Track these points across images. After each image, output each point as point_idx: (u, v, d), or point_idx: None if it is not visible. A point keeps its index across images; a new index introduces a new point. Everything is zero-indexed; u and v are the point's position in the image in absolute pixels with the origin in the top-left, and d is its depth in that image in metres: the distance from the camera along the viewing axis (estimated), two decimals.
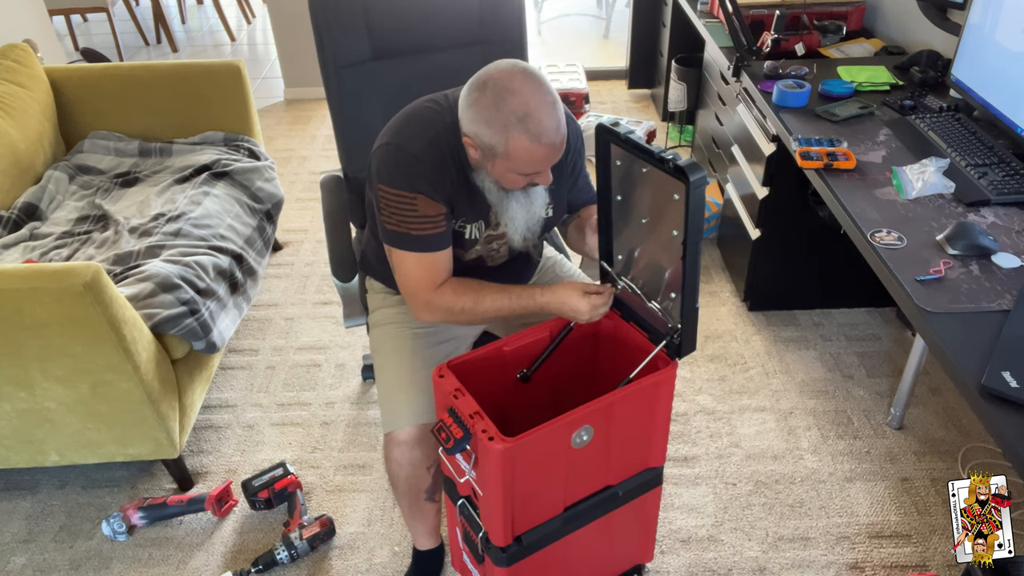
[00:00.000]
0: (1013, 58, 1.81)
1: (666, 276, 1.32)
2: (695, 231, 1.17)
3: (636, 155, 1.25)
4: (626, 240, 1.41)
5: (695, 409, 2.21)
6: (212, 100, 2.61)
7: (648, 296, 1.38)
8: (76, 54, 4.75)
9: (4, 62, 2.45)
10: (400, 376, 1.53)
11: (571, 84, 3.84)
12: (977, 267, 1.49)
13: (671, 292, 1.32)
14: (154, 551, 1.87)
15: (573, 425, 1.28)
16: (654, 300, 1.37)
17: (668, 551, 1.83)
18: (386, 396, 1.53)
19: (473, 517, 1.41)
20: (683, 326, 1.29)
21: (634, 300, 1.43)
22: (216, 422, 2.22)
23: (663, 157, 1.16)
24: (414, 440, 1.47)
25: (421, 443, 1.48)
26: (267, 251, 2.42)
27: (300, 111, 4.10)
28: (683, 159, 1.14)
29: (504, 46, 1.89)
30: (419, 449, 1.48)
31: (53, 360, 1.67)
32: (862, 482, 1.97)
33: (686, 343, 1.32)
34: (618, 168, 1.33)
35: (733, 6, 2.34)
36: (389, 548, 1.86)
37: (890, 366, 2.32)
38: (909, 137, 1.95)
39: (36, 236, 2.21)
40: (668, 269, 1.30)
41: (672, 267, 1.29)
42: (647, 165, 1.25)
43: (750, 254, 2.44)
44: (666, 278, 1.32)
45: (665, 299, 1.34)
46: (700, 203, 1.15)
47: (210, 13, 5.74)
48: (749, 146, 2.39)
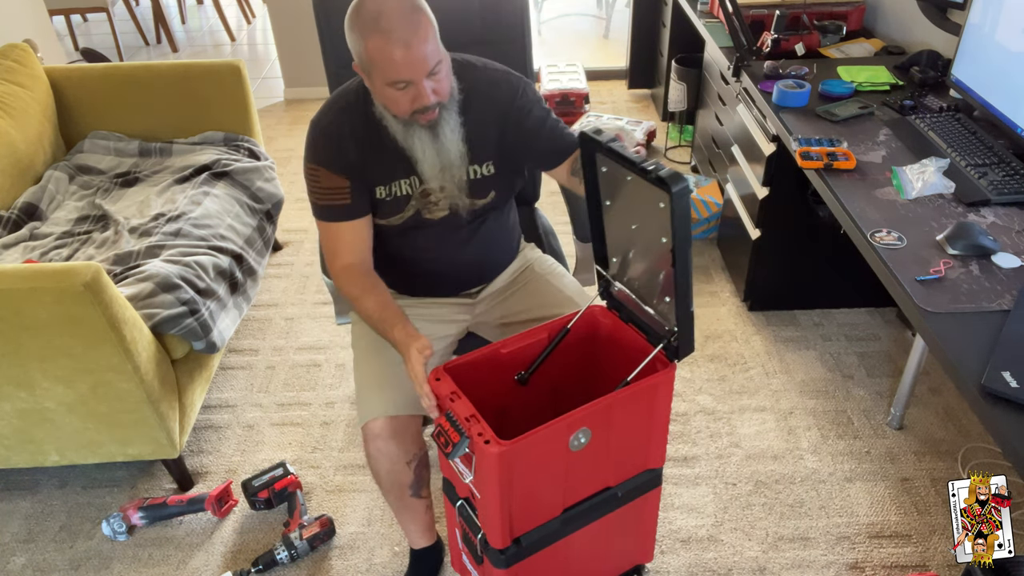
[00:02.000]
0: (1013, 58, 1.81)
1: (660, 279, 1.31)
2: (683, 239, 1.17)
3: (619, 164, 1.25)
4: (619, 244, 1.40)
5: (695, 409, 2.21)
6: (212, 100, 2.61)
7: (644, 299, 1.38)
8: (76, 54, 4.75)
9: (4, 62, 2.45)
10: (374, 370, 1.54)
11: (571, 84, 3.84)
12: (977, 267, 1.49)
13: (665, 296, 1.31)
14: (154, 551, 1.87)
15: (571, 427, 1.28)
16: (649, 303, 1.37)
17: (668, 551, 1.83)
18: (361, 389, 1.54)
19: (472, 518, 1.41)
20: (679, 329, 1.29)
21: (631, 302, 1.43)
22: (216, 422, 2.22)
23: (645, 167, 1.16)
24: (388, 433, 1.47)
25: (396, 437, 1.48)
26: (267, 251, 2.42)
27: (300, 111, 4.10)
28: (665, 169, 1.14)
29: (505, 46, 1.89)
30: (395, 443, 1.48)
31: (53, 360, 1.67)
32: (862, 482, 1.97)
33: (684, 345, 1.32)
34: (604, 175, 1.33)
35: (733, 6, 2.34)
36: (389, 548, 1.86)
37: (890, 366, 2.32)
38: (909, 137, 1.95)
39: (36, 236, 2.21)
40: (661, 273, 1.30)
41: (664, 271, 1.29)
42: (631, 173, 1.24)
43: (750, 254, 2.44)
44: (660, 281, 1.32)
45: (660, 302, 1.34)
46: (685, 212, 1.15)
47: (210, 13, 5.74)
48: (749, 146, 2.39)
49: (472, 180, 1.52)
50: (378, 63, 1.29)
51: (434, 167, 1.45)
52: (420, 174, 1.47)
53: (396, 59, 1.27)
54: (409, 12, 1.27)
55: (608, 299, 1.51)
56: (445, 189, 1.49)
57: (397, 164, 1.46)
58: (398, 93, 1.33)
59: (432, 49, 1.30)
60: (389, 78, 1.31)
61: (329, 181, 1.45)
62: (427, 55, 1.29)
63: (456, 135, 1.44)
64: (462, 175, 1.49)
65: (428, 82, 1.32)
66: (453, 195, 1.51)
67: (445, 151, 1.43)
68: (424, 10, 1.29)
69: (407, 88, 1.32)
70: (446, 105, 1.39)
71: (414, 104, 1.34)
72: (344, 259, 1.51)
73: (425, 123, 1.38)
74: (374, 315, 1.45)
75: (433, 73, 1.32)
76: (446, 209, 1.53)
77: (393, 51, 1.27)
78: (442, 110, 1.39)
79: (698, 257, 2.83)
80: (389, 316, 1.42)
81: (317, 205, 1.49)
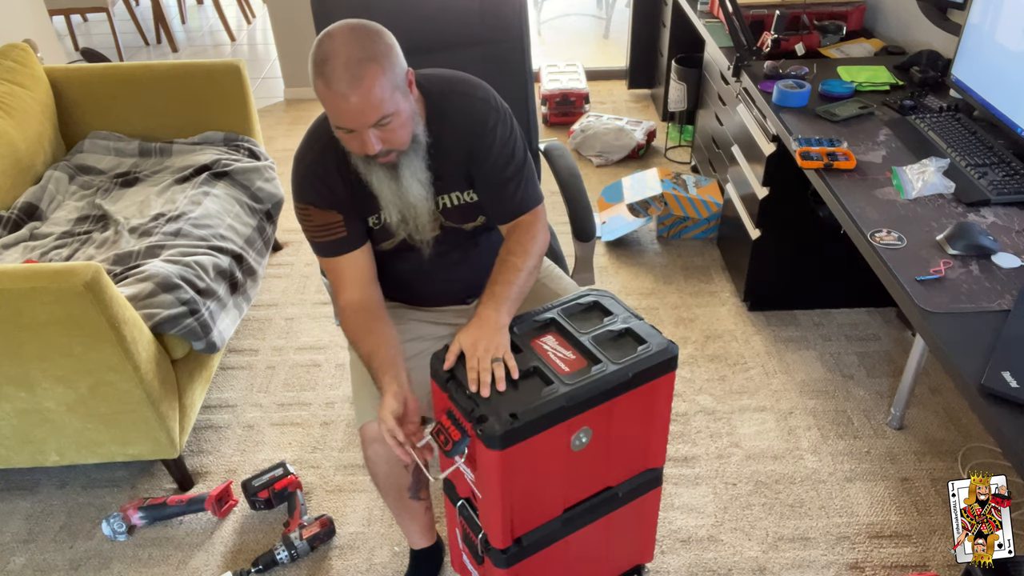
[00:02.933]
0: (1013, 58, 1.81)
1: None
2: None
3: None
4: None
5: (695, 409, 2.21)
6: (212, 100, 2.60)
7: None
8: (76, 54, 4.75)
9: (4, 62, 2.45)
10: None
11: (571, 84, 3.84)
12: (977, 267, 1.49)
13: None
14: (154, 551, 1.87)
15: (572, 427, 1.28)
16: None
17: (668, 551, 1.83)
18: (357, 391, 1.54)
19: (472, 518, 1.41)
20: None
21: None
22: (216, 422, 2.22)
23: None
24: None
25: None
26: (267, 251, 2.42)
27: (300, 111, 4.10)
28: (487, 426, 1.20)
29: (505, 46, 1.89)
30: None
31: (53, 360, 1.67)
32: (862, 482, 1.97)
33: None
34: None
35: (733, 6, 2.34)
36: (389, 548, 1.86)
37: (890, 366, 2.32)
38: (909, 137, 1.95)
39: (36, 236, 2.21)
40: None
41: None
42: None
43: (750, 254, 2.44)
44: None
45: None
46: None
47: (210, 13, 5.74)
48: (749, 146, 2.39)
49: (453, 208, 1.49)
50: (324, 104, 1.27)
51: (394, 204, 1.41)
52: (382, 209, 1.43)
53: (337, 107, 1.24)
54: (355, 64, 1.21)
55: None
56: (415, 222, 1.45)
57: (373, 195, 1.43)
58: (346, 136, 1.30)
59: (378, 100, 1.23)
60: (333, 122, 1.29)
61: (321, 218, 1.43)
62: (369, 107, 1.23)
63: (419, 176, 1.39)
64: (430, 208, 1.45)
65: (374, 131, 1.26)
66: (432, 223, 1.48)
67: (404, 190, 1.39)
68: (376, 60, 1.22)
69: (352, 134, 1.28)
70: (406, 151, 1.35)
71: (361, 150, 1.31)
72: (347, 294, 1.48)
73: (383, 163, 1.35)
74: (365, 360, 1.43)
75: (381, 124, 1.26)
76: (434, 233, 1.51)
77: (333, 99, 1.23)
78: (401, 155, 1.34)
79: (698, 257, 2.84)
80: (380, 363, 1.39)
81: (315, 243, 1.47)
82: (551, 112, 3.83)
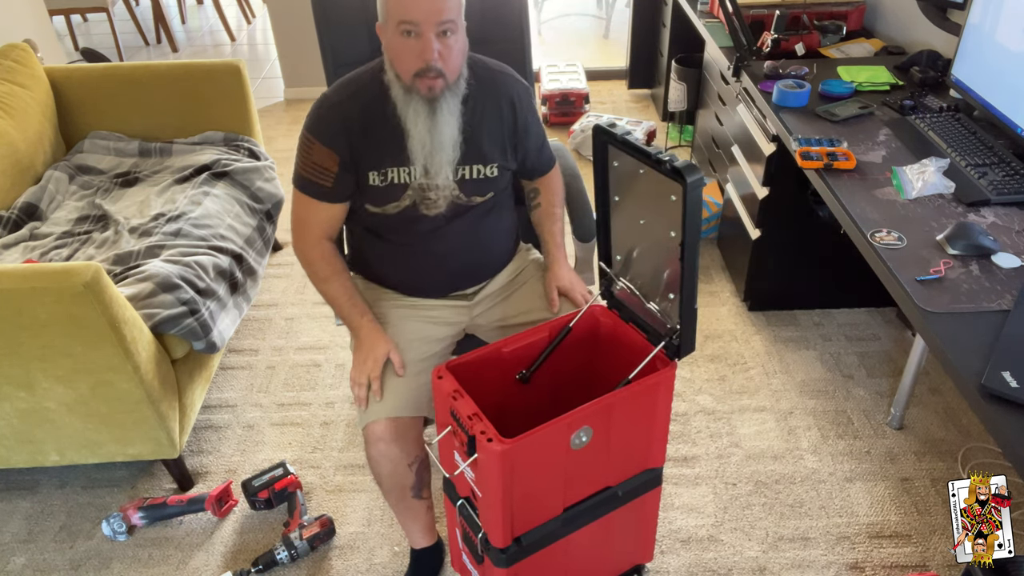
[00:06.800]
0: (1013, 58, 1.81)
1: (664, 277, 1.32)
2: (693, 232, 1.17)
3: (633, 156, 1.25)
4: (624, 241, 1.40)
5: (695, 409, 2.21)
6: (212, 100, 2.61)
7: (647, 297, 1.38)
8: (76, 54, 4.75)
9: (4, 62, 2.45)
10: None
11: (571, 84, 3.84)
12: (977, 267, 1.49)
13: (669, 293, 1.31)
14: (154, 551, 1.87)
15: (572, 426, 1.28)
16: (653, 301, 1.37)
17: (668, 551, 1.83)
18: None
19: (472, 518, 1.42)
20: (682, 327, 1.29)
21: (633, 301, 1.43)
22: (216, 422, 2.22)
23: (660, 158, 1.16)
24: (391, 436, 1.47)
25: (398, 439, 1.48)
26: (267, 251, 2.42)
27: (300, 111, 4.10)
28: (680, 160, 1.14)
29: (505, 46, 1.89)
30: (397, 445, 1.48)
31: (53, 360, 1.67)
32: (862, 482, 1.97)
33: (685, 344, 1.32)
34: (615, 169, 1.33)
35: (733, 6, 2.34)
36: (389, 548, 1.86)
37: (890, 366, 2.32)
38: (909, 137, 1.95)
39: (36, 236, 2.21)
40: (666, 270, 1.30)
41: (670, 268, 1.29)
42: (644, 166, 1.24)
43: (750, 254, 2.44)
44: (664, 279, 1.32)
45: (664, 300, 1.34)
46: (697, 204, 1.15)
47: (210, 13, 5.74)
48: (749, 146, 2.39)
49: (471, 180, 1.52)
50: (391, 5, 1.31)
51: (424, 144, 1.43)
52: (409, 150, 1.45)
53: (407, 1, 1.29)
54: None
55: (608, 298, 1.51)
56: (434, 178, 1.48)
57: (394, 145, 1.45)
58: (405, 43, 1.33)
59: (450, 3, 1.31)
60: (399, 16, 1.31)
61: (320, 157, 1.46)
62: (442, 4, 1.30)
63: (454, 119, 1.43)
64: (455, 161, 1.48)
65: (436, 41, 1.32)
66: (449, 191, 1.51)
67: (438, 131, 1.42)
68: None
69: (414, 38, 1.32)
70: (450, 87, 1.39)
71: (419, 60, 1.34)
72: (316, 234, 1.54)
73: (426, 92, 1.37)
74: (341, 299, 1.52)
75: (444, 31, 1.32)
76: (443, 207, 1.52)
77: None
78: (445, 89, 1.39)
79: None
80: (360, 303, 1.51)
81: (300, 175, 1.50)
82: (551, 112, 3.84)
